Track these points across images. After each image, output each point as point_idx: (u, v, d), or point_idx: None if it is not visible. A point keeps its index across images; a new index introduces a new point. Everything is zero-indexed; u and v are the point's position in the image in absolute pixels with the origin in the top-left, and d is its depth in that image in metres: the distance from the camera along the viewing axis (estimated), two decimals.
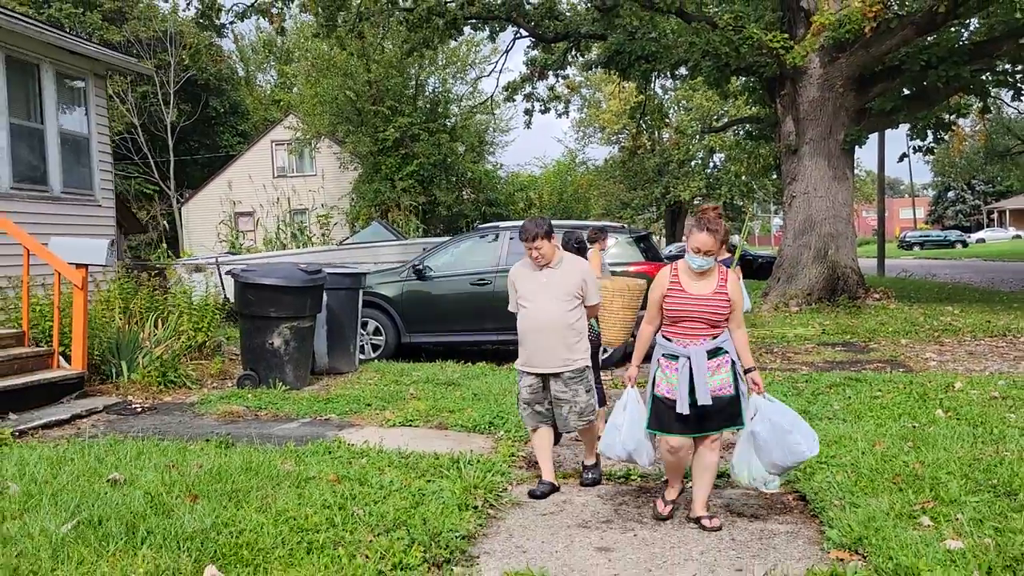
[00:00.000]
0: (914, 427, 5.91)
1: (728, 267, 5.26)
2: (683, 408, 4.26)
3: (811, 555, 3.94)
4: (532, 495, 4.94)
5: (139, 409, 7.19)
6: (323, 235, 25.01)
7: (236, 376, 8.44)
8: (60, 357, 7.34)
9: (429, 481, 4.82)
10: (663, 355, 4.42)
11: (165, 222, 35.91)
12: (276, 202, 27.11)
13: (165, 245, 25.43)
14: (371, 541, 3.80)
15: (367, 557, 3.63)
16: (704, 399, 4.24)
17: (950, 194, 78.34)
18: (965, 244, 59.71)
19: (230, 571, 3.35)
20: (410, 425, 6.63)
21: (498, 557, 4.00)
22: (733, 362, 4.36)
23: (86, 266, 7.40)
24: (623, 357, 9.36)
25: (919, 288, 20.62)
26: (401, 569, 3.59)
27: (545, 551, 4.08)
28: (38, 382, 6.83)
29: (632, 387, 4.56)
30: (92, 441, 5.54)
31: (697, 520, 4.38)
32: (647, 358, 4.62)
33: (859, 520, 4.02)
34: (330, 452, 5.50)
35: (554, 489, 5.03)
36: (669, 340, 4.42)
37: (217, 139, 40.72)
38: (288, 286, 7.97)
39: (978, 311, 14.34)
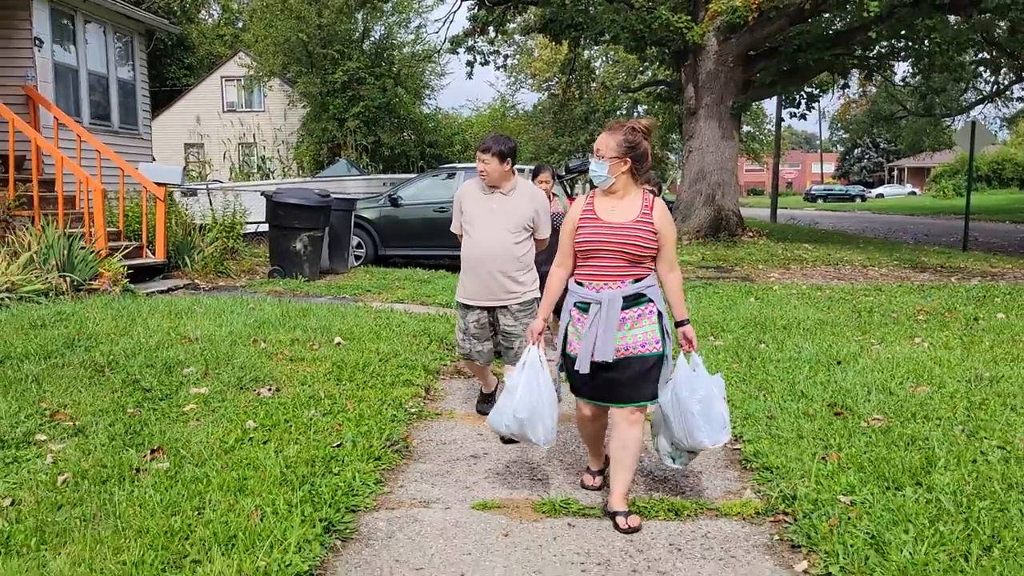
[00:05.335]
0: (729, 304, 9.35)
1: None
2: (582, 365, 3.57)
3: None
4: (481, 412, 5.03)
5: (205, 289, 10.14)
6: (283, 169, 27.52)
7: (263, 272, 11.41)
8: (147, 250, 10.21)
9: (427, 324, 7.99)
10: (574, 304, 3.67)
11: None
12: (241, 136, 29.38)
13: None
14: (407, 339, 6.97)
15: (409, 342, 6.80)
16: (605, 356, 3.52)
17: (856, 151, 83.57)
18: (864, 199, 64.85)
19: (347, 340, 6.50)
20: (402, 302, 9.77)
21: None
22: (660, 315, 3.65)
23: (165, 184, 10.23)
24: None
25: (797, 232, 24.50)
26: (427, 348, 6.76)
27: None
28: (143, 265, 9.74)
29: (536, 344, 3.77)
30: (210, 296, 8.56)
31: (612, 516, 3.60)
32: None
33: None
34: (359, 309, 8.60)
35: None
36: (581, 284, 3.65)
37: (164, 71, 42.07)
38: (308, 205, 10.93)
39: (828, 248, 18.07)
